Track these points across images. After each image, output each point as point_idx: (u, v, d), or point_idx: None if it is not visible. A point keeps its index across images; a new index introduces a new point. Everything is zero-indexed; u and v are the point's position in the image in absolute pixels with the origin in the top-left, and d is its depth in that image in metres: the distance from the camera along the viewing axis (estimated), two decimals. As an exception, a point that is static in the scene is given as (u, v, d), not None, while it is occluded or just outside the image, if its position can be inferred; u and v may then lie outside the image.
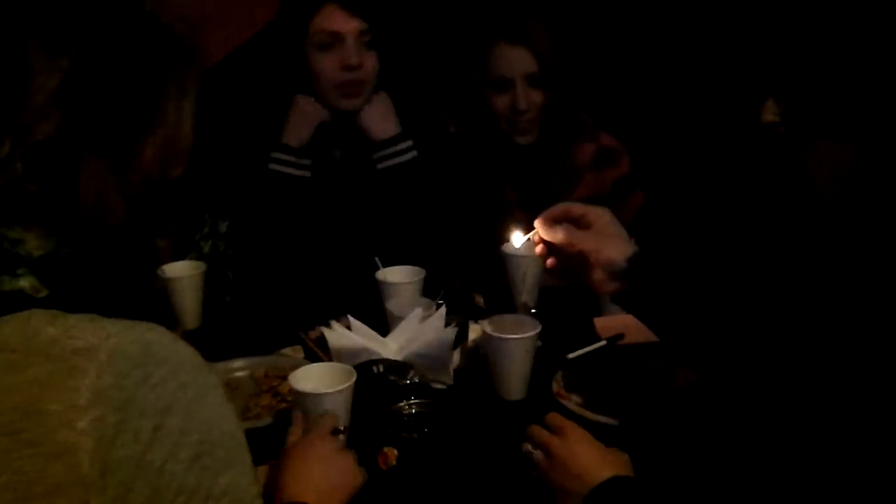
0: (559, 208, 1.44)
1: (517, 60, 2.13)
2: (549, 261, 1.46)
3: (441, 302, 1.72)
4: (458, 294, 1.87)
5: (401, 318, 1.67)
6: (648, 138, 2.41)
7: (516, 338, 1.56)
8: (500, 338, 1.57)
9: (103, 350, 0.76)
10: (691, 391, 1.55)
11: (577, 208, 1.43)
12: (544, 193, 2.21)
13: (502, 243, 1.97)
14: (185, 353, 0.82)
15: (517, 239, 1.52)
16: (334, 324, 1.64)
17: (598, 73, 2.43)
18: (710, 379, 1.45)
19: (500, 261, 1.99)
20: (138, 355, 0.77)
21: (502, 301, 2.00)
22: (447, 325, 1.63)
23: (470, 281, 2.03)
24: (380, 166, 2.16)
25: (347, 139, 2.17)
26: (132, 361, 0.76)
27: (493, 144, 2.23)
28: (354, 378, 1.42)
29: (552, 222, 1.44)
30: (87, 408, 0.73)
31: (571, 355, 1.73)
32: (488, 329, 1.60)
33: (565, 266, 1.44)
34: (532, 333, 1.57)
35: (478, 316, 1.81)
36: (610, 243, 1.40)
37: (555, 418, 1.33)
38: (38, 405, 0.74)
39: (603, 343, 1.79)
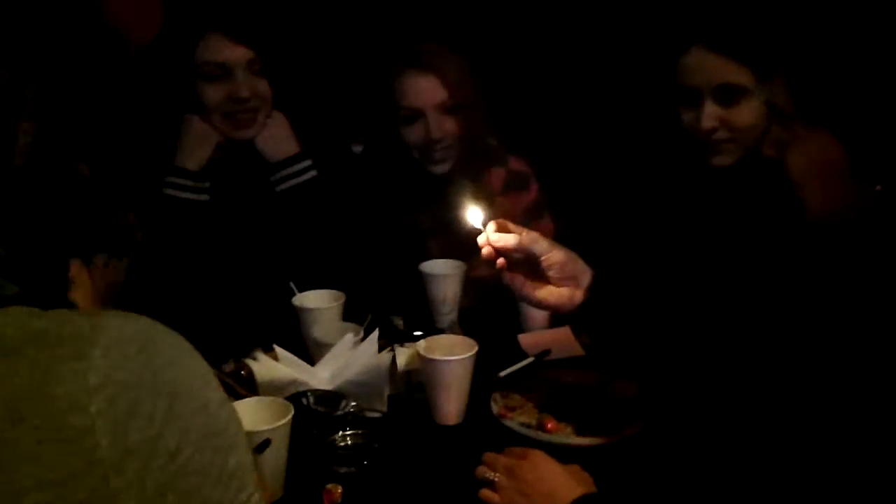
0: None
1: (427, 89, 2.04)
2: (500, 260, 1.41)
3: (373, 326, 1.64)
4: (381, 317, 1.79)
5: (327, 346, 1.58)
6: (557, 159, 2.38)
7: (455, 360, 1.50)
8: (438, 361, 1.50)
9: (103, 334, 0.74)
10: (635, 404, 1.53)
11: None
12: (457, 220, 2.16)
13: (417, 265, 1.93)
14: (179, 339, 0.81)
15: (474, 217, 1.45)
16: (260, 355, 1.53)
17: (505, 96, 2.39)
18: (667, 389, 1.43)
19: (419, 281, 1.93)
20: (138, 340, 0.75)
21: (422, 322, 1.94)
22: (380, 349, 1.55)
23: (388, 303, 1.95)
24: (279, 188, 2.05)
25: (246, 160, 2.06)
26: (135, 345, 0.75)
27: (405, 173, 2.16)
28: (292, 412, 1.32)
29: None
30: (97, 389, 0.70)
31: (503, 373, 1.68)
32: (424, 352, 1.53)
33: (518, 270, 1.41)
34: (470, 354, 1.51)
35: (401, 339, 1.74)
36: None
37: (515, 450, 1.28)
38: (43, 389, 0.70)
39: (531, 359, 1.75)
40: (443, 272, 1.92)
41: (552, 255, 1.38)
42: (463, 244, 2.14)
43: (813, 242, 1.21)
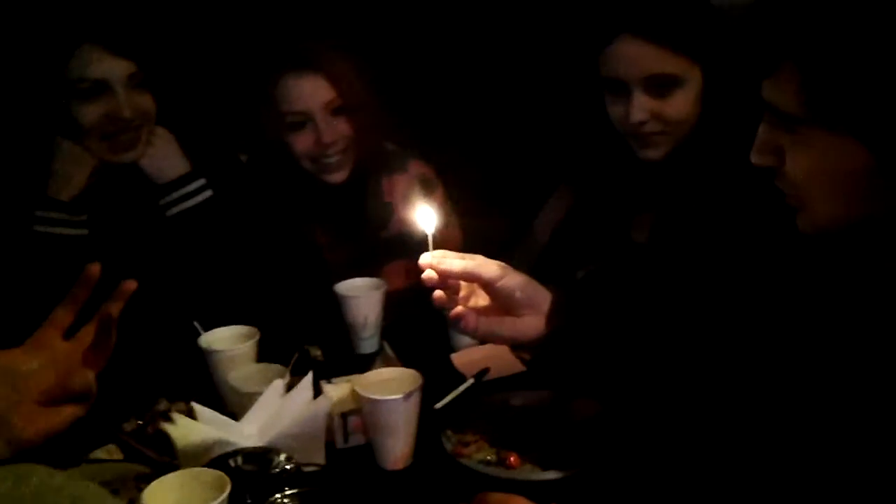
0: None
1: (312, 90, 1.88)
2: (438, 293, 1.26)
3: (302, 366, 1.46)
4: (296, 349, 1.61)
5: (248, 394, 1.39)
6: (462, 158, 2.24)
7: (400, 398, 1.34)
8: (383, 401, 1.34)
9: None
10: (598, 426, 1.40)
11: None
12: (357, 234, 2.00)
13: (327, 286, 1.75)
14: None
15: (424, 219, 1.28)
16: (176, 416, 1.33)
17: (401, 95, 2.22)
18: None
19: (333, 304, 1.75)
20: None
21: (342, 349, 1.77)
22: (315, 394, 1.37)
23: (302, 332, 1.77)
24: (170, 212, 1.83)
25: (129, 184, 1.83)
26: None
27: (297, 185, 1.97)
28: (229, 488, 1.13)
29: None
30: None
31: (439, 405, 1.52)
32: (363, 391, 1.36)
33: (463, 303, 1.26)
34: (416, 389, 1.36)
35: (325, 373, 1.56)
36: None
37: (491, 497, 1.13)
38: None
39: (470, 382, 1.61)
40: (360, 293, 1.75)
41: (507, 279, 1.23)
42: (369, 258, 2.01)
43: (807, 253, 1.12)
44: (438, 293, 1.24)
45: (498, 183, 2.26)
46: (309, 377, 1.37)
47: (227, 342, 1.57)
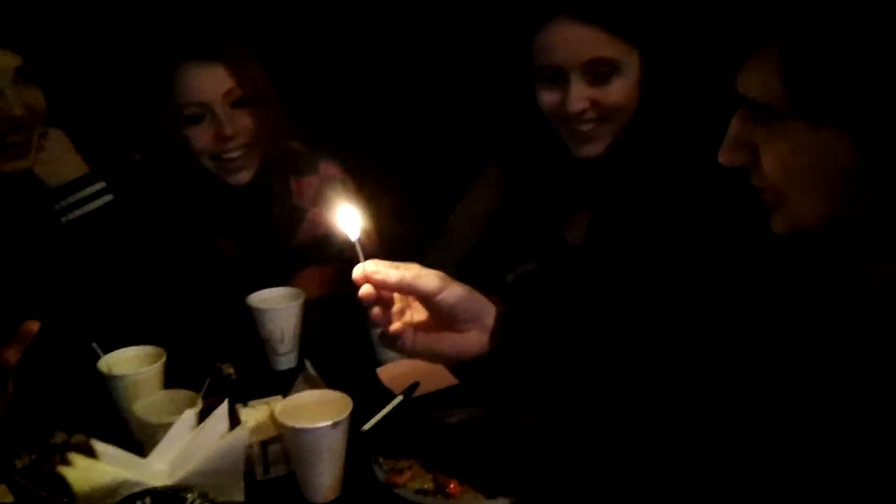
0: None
1: (212, 80, 1.74)
2: (375, 310, 1.14)
3: (215, 391, 1.32)
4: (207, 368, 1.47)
5: (156, 426, 1.25)
6: (377, 159, 2.11)
7: (327, 426, 1.21)
8: (308, 430, 1.21)
9: None
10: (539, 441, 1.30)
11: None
12: (265, 241, 1.86)
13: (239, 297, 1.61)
14: None
15: (348, 223, 1.15)
16: (73, 456, 1.17)
17: (308, 91, 2.08)
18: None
19: (247, 318, 1.61)
20: None
21: (258, 366, 1.63)
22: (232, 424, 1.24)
23: (213, 348, 1.63)
24: (65, 218, 1.66)
25: (16, 190, 1.64)
26: None
27: (198, 188, 1.82)
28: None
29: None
30: None
31: (366, 426, 1.40)
32: (284, 419, 1.23)
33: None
34: (345, 417, 1.23)
35: (241, 394, 1.43)
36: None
37: None
38: None
39: (399, 399, 1.49)
40: (275, 304, 1.61)
41: (447, 292, 1.12)
42: (280, 267, 1.87)
43: (768, 256, 1.04)
44: (376, 310, 1.12)
45: (417, 185, 2.14)
46: (224, 406, 1.23)
47: (131, 365, 1.42)
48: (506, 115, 1.73)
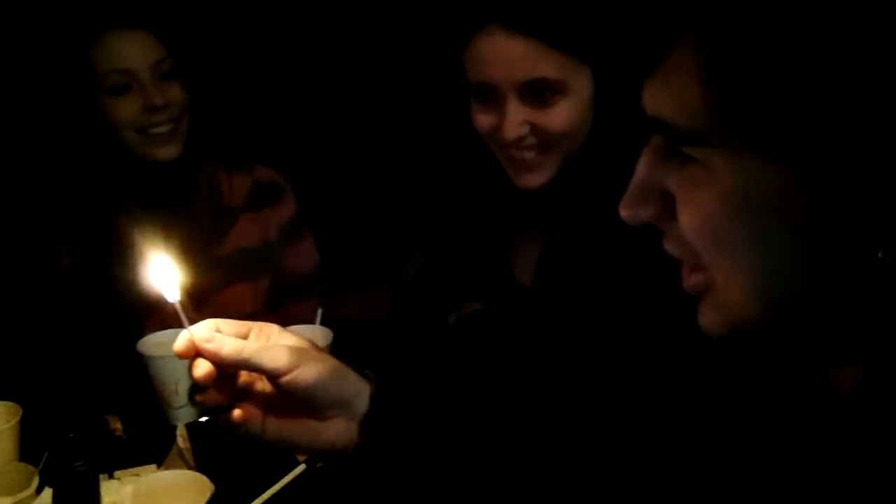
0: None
1: (138, 47, 1.57)
2: (208, 395, 0.91)
3: (56, 467, 1.10)
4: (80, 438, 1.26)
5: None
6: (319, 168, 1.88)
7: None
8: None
9: None
10: None
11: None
12: (183, 247, 1.63)
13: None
14: None
15: (163, 281, 0.92)
16: None
17: (246, 93, 1.86)
18: None
19: (138, 364, 1.39)
20: None
21: (151, 420, 1.41)
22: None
23: (98, 399, 1.42)
24: None
25: None
26: None
27: (111, 167, 1.62)
28: None
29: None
30: None
31: (262, 499, 1.18)
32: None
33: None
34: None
35: (116, 462, 1.22)
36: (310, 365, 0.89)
37: None
38: None
39: (302, 467, 1.27)
40: (171, 351, 1.38)
41: (300, 372, 0.88)
42: (201, 282, 1.64)
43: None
44: (210, 394, 0.90)
45: (359, 197, 1.92)
46: (45, 499, 1.01)
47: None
48: (442, 136, 1.49)
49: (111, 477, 1.18)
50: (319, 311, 1.50)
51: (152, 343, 1.40)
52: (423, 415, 0.93)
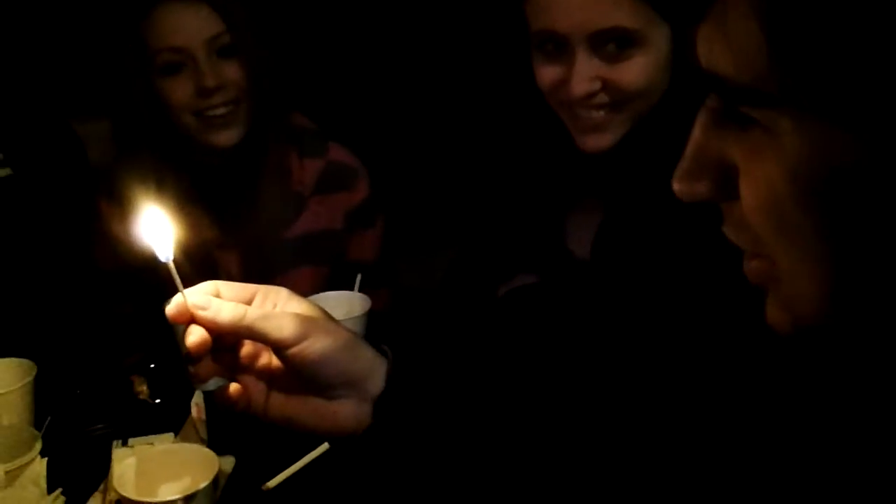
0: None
1: (193, 22, 1.47)
2: (201, 367, 0.81)
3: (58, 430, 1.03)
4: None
5: None
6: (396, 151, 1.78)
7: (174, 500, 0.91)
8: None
9: None
10: None
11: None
12: (251, 230, 1.56)
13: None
14: None
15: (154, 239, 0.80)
16: None
17: (321, 62, 1.76)
18: None
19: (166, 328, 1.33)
20: None
21: (177, 384, 1.34)
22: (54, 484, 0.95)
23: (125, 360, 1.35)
24: None
25: None
26: None
27: (170, 155, 1.54)
28: None
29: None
30: None
31: (271, 483, 1.10)
32: (126, 483, 0.94)
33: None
34: (202, 488, 0.93)
35: (137, 427, 1.15)
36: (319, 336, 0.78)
37: None
38: None
39: (325, 446, 1.18)
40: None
41: (310, 343, 0.78)
42: (266, 263, 1.58)
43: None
44: (203, 366, 0.80)
45: (431, 177, 1.81)
46: (40, 465, 0.94)
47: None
48: (498, 95, 1.37)
49: (124, 444, 1.11)
50: (358, 278, 1.41)
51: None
52: (440, 400, 0.83)
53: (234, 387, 0.81)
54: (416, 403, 0.82)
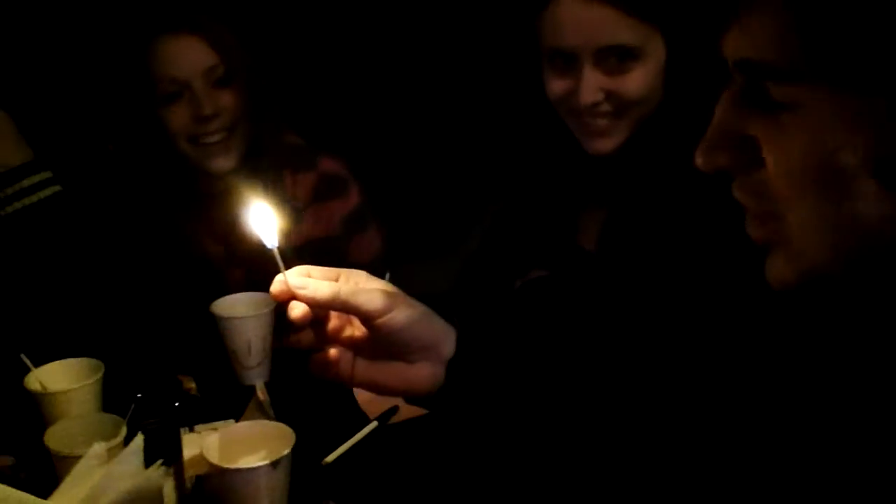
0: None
1: (189, 54, 1.59)
2: (303, 335, 0.92)
3: (143, 416, 1.13)
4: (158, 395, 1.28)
5: (67, 459, 1.07)
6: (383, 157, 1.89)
7: (262, 467, 1.02)
8: (234, 472, 1.02)
9: None
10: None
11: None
12: (254, 245, 1.66)
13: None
14: None
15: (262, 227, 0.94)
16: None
17: (309, 82, 1.88)
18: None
19: (211, 326, 1.43)
20: None
21: (223, 380, 1.44)
22: (149, 461, 1.05)
23: (171, 359, 1.45)
24: (3, 210, 1.50)
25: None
26: None
27: (173, 177, 1.65)
28: None
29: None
30: None
31: (329, 458, 1.21)
32: (212, 457, 1.04)
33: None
34: (283, 456, 1.04)
35: (198, 413, 1.25)
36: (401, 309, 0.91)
37: None
38: None
39: (373, 425, 1.30)
40: (244, 313, 1.41)
41: (394, 315, 0.90)
42: (268, 273, 1.68)
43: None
44: (306, 334, 0.92)
45: (427, 185, 1.92)
46: (138, 441, 1.04)
47: (62, 380, 1.25)
48: (511, 104, 1.50)
49: (191, 430, 1.21)
50: (387, 276, 1.53)
51: (226, 305, 1.44)
52: (504, 361, 0.95)
53: (332, 351, 0.92)
54: (483, 365, 0.94)
